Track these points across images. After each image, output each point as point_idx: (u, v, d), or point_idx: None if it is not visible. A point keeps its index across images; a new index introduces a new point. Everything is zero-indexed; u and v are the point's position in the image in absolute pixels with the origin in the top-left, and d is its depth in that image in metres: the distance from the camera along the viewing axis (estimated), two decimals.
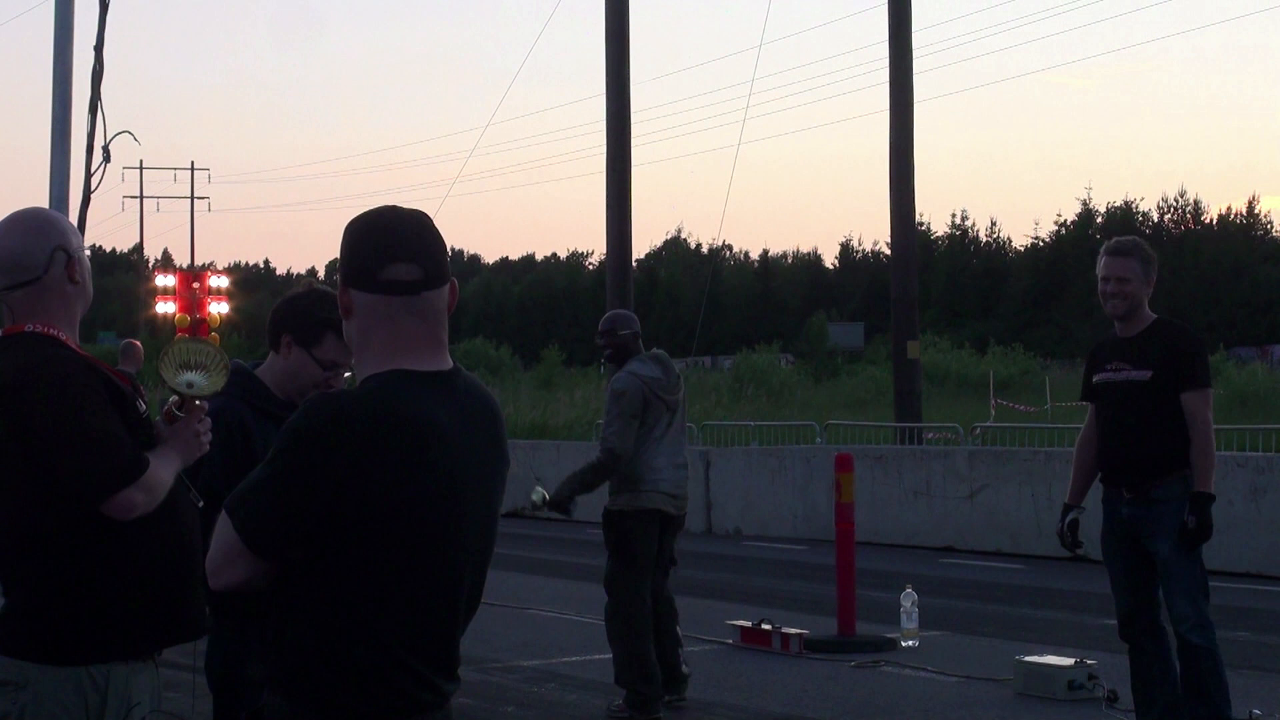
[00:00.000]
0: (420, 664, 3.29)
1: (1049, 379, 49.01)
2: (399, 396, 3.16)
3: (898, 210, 25.06)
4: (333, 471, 3.09)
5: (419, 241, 3.22)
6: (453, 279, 3.29)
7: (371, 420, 3.13)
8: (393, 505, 3.13)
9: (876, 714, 9.92)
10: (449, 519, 3.21)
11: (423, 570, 3.21)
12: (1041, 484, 18.29)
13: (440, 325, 3.24)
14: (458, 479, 3.21)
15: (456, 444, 3.20)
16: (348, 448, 3.10)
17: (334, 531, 3.13)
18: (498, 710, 10.17)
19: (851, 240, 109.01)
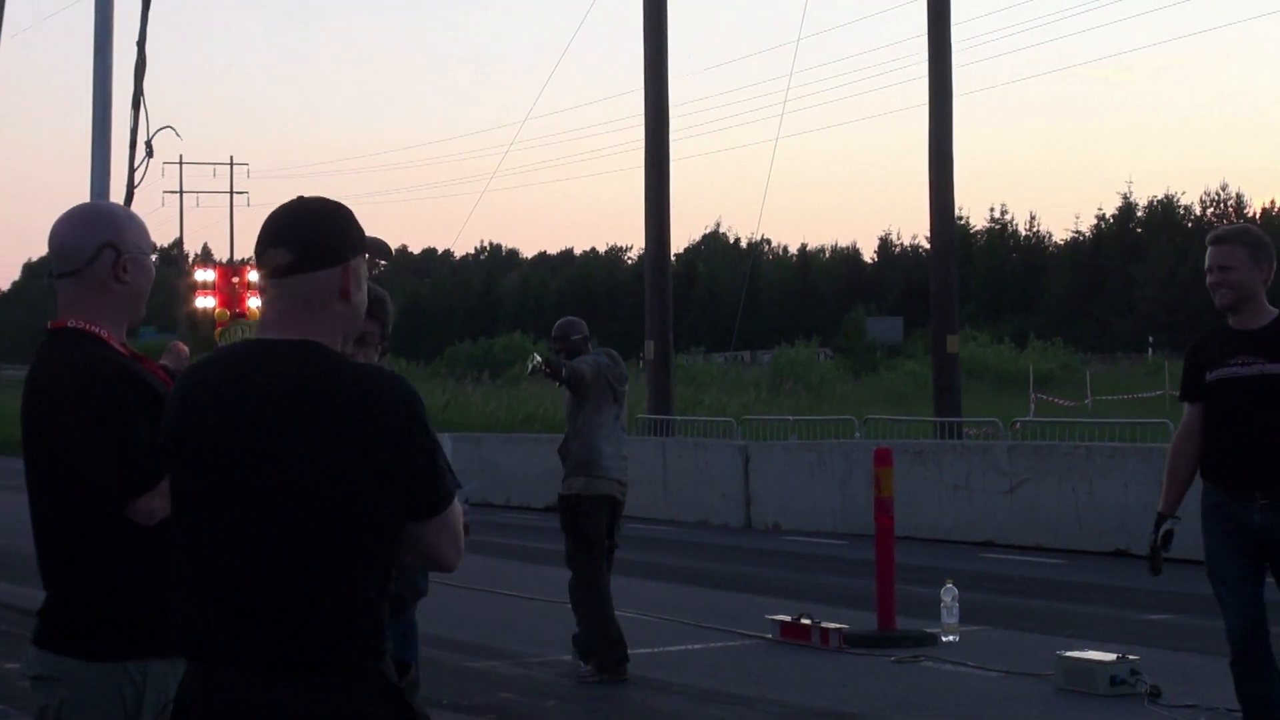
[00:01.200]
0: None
1: (1089, 374, 48.80)
2: (204, 361, 3.49)
3: (937, 204, 24.99)
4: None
5: (294, 228, 3.39)
6: (348, 264, 3.41)
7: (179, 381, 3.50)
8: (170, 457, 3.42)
9: (917, 709, 9.90)
10: (203, 476, 3.35)
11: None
12: (1082, 479, 18.21)
13: (307, 305, 3.38)
14: (216, 444, 3.33)
15: (221, 410, 3.33)
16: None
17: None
18: (539, 705, 10.17)
19: (890, 234, 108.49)
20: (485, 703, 10.15)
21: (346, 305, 3.41)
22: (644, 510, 23.34)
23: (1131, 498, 17.73)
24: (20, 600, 14.33)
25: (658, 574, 16.82)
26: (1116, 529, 17.85)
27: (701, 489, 22.89)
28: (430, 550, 3.40)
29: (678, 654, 11.82)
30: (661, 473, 23.50)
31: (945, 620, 11.84)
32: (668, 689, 10.50)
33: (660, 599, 14.62)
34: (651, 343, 26.72)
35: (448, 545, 3.40)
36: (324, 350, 3.34)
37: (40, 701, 4.06)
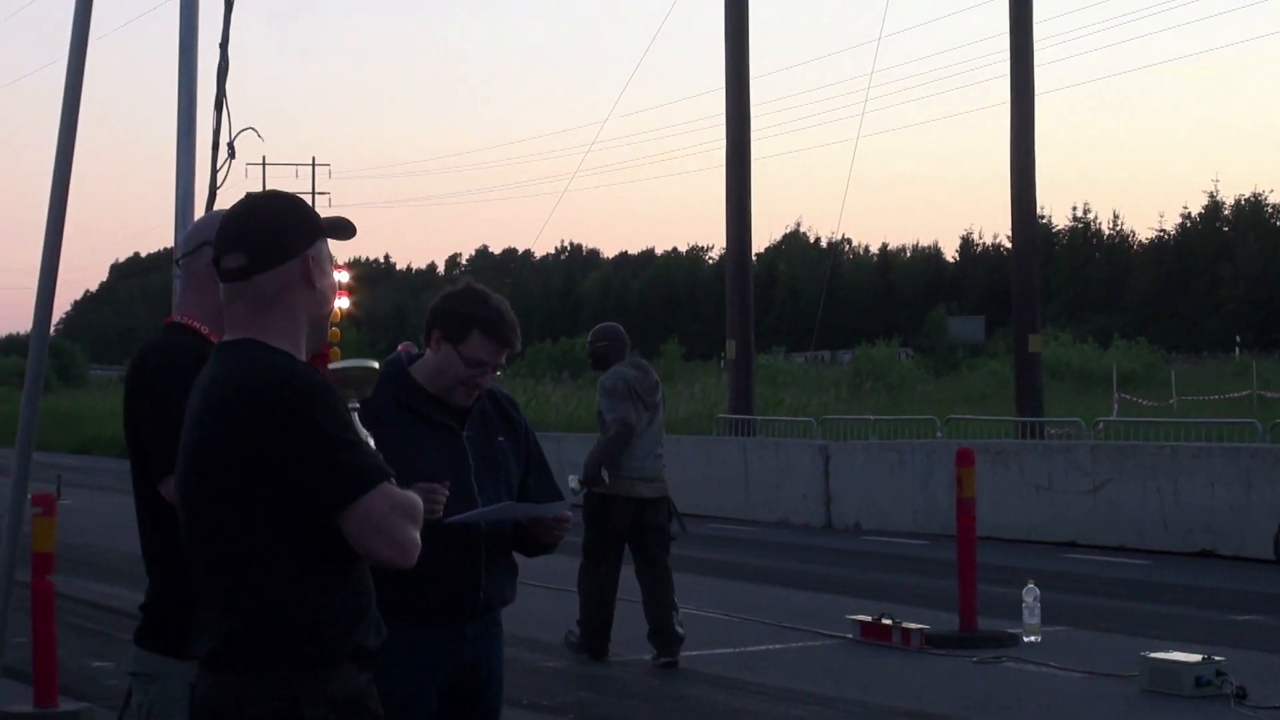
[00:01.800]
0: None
1: (1174, 373, 48.34)
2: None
3: (1018, 203, 24.85)
4: None
5: (245, 229, 3.46)
6: (305, 254, 3.44)
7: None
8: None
9: (999, 710, 9.85)
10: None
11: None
12: (1167, 479, 18.06)
13: (266, 303, 3.42)
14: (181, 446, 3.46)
15: (187, 414, 3.45)
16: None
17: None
18: (620, 704, 10.20)
19: (972, 233, 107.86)
20: (565, 702, 10.18)
21: (312, 292, 3.47)
22: (725, 510, 23.35)
23: (1217, 498, 17.57)
24: (111, 600, 14.51)
25: (739, 574, 16.82)
26: (1202, 529, 17.70)
27: (782, 489, 22.87)
28: (358, 547, 3.32)
29: (759, 654, 11.81)
30: (742, 473, 23.48)
31: (1027, 620, 11.77)
32: (748, 689, 10.50)
33: (741, 599, 14.61)
34: (733, 342, 26.70)
35: (370, 539, 3.30)
36: (252, 348, 3.39)
37: (138, 698, 4.18)
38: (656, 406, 11.65)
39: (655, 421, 11.62)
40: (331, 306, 3.54)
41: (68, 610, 12.73)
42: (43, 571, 9.56)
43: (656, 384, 11.74)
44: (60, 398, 61.18)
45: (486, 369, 4.84)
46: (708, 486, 23.91)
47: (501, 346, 4.87)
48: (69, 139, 6.46)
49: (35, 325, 6.77)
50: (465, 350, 4.83)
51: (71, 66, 6.45)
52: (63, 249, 6.61)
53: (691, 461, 24.50)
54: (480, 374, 4.84)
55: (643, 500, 11.42)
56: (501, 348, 4.88)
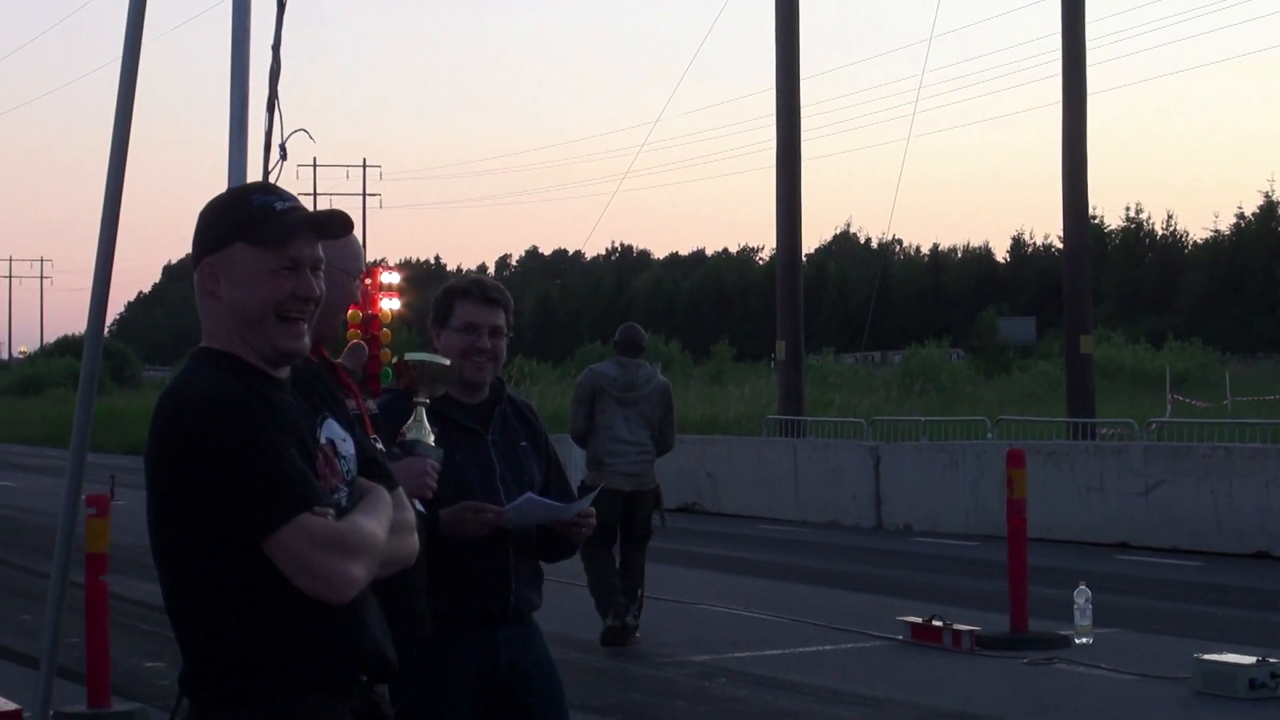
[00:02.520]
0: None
1: (1229, 374, 48.01)
2: None
3: (1070, 203, 24.73)
4: None
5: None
6: (205, 261, 3.24)
7: None
8: None
9: (1050, 712, 9.81)
10: None
11: None
12: (1221, 480, 17.94)
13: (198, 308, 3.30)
14: None
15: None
16: None
17: None
18: (668, 705, 10.19)
19: (1023, 234, 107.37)
20: (613, 703, 10.19)
21: (215, 303, 3.24)
22: (775, 511, 23.32)
23: (1273, 499, 17.45)
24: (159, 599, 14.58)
25: (789, 575, 16.80)
26: (1257, 531, 17.58)
27: (832, 490, 22.82)
28: (287, 576, 3.10)
29: (809, 655, 11.80)
30: (792, 474, 23.45)
31: (1079, 622, 11.72)
32: (799, 690, 10.49)
33: (791, 600, 14.59)
34: (783, 343, 26.67)
35: (292, 573, 3.08)
36: (194, 359, 3.26)
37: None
38: (635, 403, 12.06)
39: (631, 417, 12.05)
40: (255, 313, 3.21)
41: (121, 610, 12.82)
42: (96, 572, 9.62)
43: (635, 382, 12.12)
44: (114, 399, 61.59)
45: (480, 330, 4.90)
46: (758, 487, 23.90)
47: (485, 304, 4.93)
48: (122, 141, 6.49)
49: (89, 326, 6.81)
50: (455, 322, 4.91)
51: (125, 68, 6.49)
52: (116, 250, 6.65)
53: (742, 462, 24.50)
54: (476, 338, 4.89)
55: (625, 494, 11.95)
56: (486, 305, 4.94)
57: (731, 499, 24.40)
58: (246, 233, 3.18)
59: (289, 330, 3.21)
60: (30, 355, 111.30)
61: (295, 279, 3.21)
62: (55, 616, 6.88)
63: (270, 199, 3.23)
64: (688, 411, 37.00)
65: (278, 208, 3.20)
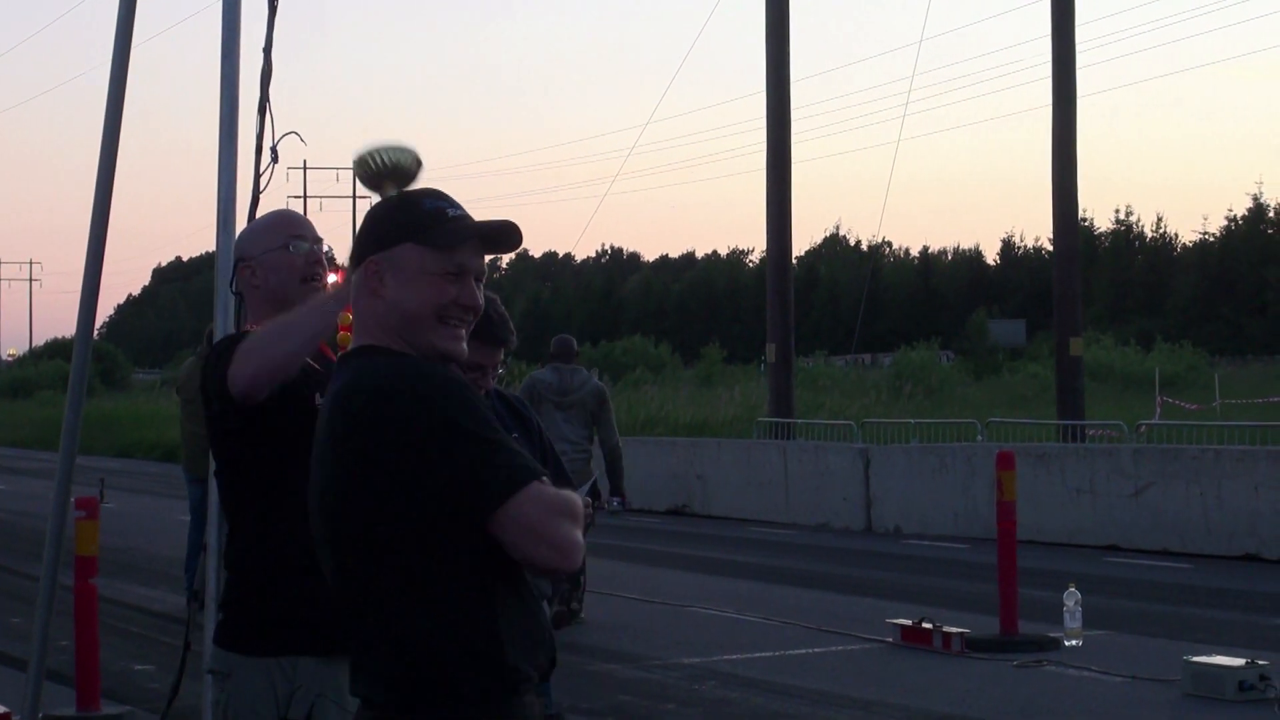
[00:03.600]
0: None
1: (1218, 376, 48.07)
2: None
3: (1060, 205, 24.77)
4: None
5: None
6: (370, 258, 3.22)
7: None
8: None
9: (1040, 714, 9.82)
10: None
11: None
12: (1210, 482, 17.96)
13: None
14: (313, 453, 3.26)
15: (319, 421, 3.25)
16: None
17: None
18: (658, 708, 10.19)
19: (1013, 236, 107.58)
20: (604, 705, 10.19)
21: (374, 302, 3.25)
22: (765, 513, 23.33)
23: (1262, 501, 17.47)
24: (153, 603, 14.59)
25: (779, 577, 16.81)
26: (1246, 533, 17.60)
27: (822, 492, 22.83)
28: (514, 554, 3.07)
29: (799, 657, 11.80)
30: (782, 476, 23.46)
31: (1068, 624, 11.73)
32: (788, 692, 10.49)
33: (781, 602, 14.60)
34: (773, 345, 26.67)
35: (525, 544, 3.05)
36: (356, 358, 3.24)
37: (214, 695, 4.29)
38: (570, 405, 13.03)
39: (570, 418, 13.00)
40: (421, 310, 3.17)
41: (110, 614, 12.79)
42: (85, 575, 9.61)
43: (569, 386, 13.11)
44: (103, 401, 61.51)
45: (485, 371, 4.84)
46: (748, 490, 23.90)
47: (494, 346, 4.88)
48: (112, 143, 6.49)
49: (79, 329, 6.81)
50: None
51: (115, 70, 6.49)
52: (106, 253, 6.64)
53: (732, 465, 24.50)
54: (479, 376, 4.84)
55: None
56: (494, 347, 4.89)
57: (721, 501, 24.40)
58: (418, 234, 3.17)
59: (449, 333, 3.20)
60: (19, 358, 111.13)
61: (460, 286, 3.19)
62: (44, 619, 6.87)
63: (442, 204, 3.22)
64: (678, 414, 37.00)
65: (450, 214, 3.20)
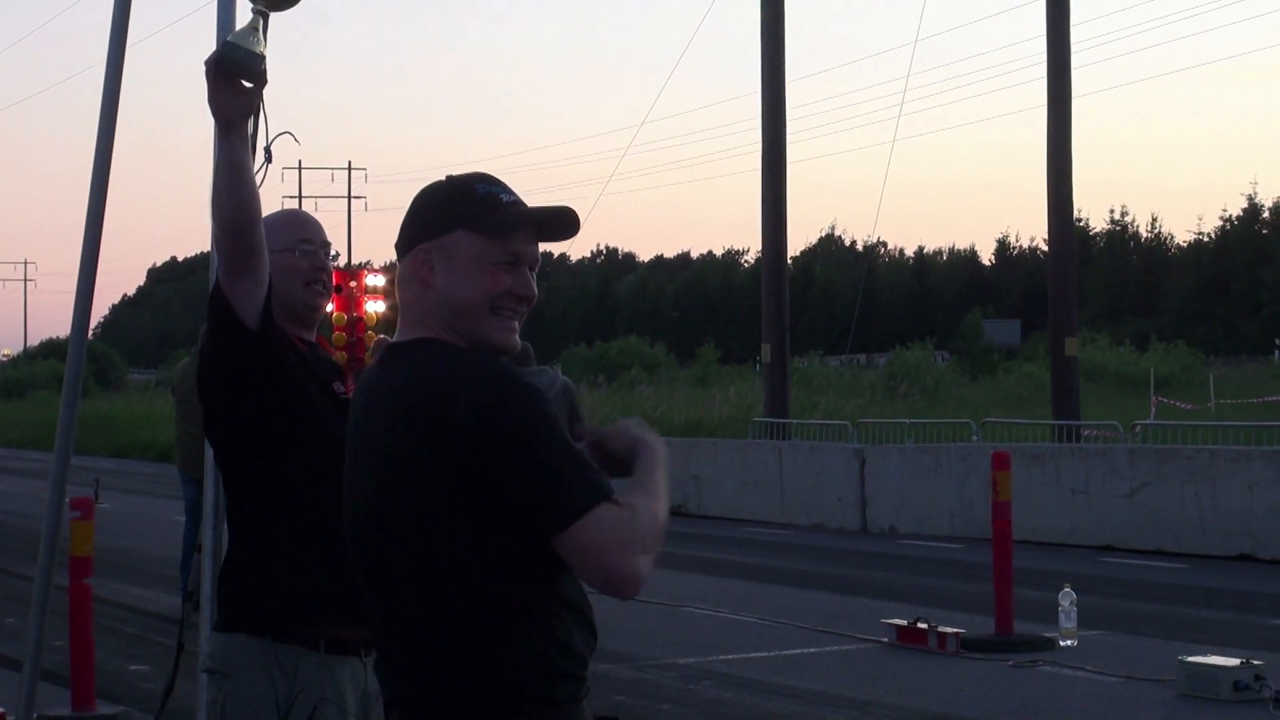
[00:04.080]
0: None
1: (1213, 376, 48.08)
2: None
3: (1055, 206, 24.76)
4: None
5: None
6: (420, 245, 3.06)
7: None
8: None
9: (1035, 714, 9.82)
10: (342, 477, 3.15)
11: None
12: (1205, 482, 17.97)
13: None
14: (349, 445, 3.12)
15: (356, 413, 3.10)
16: None
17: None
18: (654, 708, 10.19)
19: (1008, 236, 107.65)
20: (598, 705, 10.10)
21: (427, 293, 3.07)
22: (760, 513, 23.33)
23: (1257, 501, 17.48)
24: (147, 603, 14.58)
25: (774, 578, 16.81)
26: (1241, 533, 17.61)
27: (817, 492, 22.83)
28: (576, 575, 2.97)
29: (794, 658, 11.80)
30: (778, 476, 23.46)
31: (1063, 625, 11.74)
32: (784, 692, 10.50)
33: (776, 602, 14.60)
34: (768, 346, 26.67)
35: (588, 569, 2.90)
36: (413, 349, 3.07)
37: (211, 694, 4.21)
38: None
39: None
40: (474, 300, 3.02)
41: (105, 614, 12.79)
42: (80, 575, 9.60)
43: (543, 389, 14.03)
44: (98, 401, 61.44)
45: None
46: (743, 490, 23.91)
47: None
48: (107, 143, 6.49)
49: (74, 329, 6.80)
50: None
51: (109, 71, 6.48)
52: (100, 253, 6.63)
53: (727, 465, 24.50)
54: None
55: None
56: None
57: (717, 501, 24.40)
58: (470, 220, 3.00)
59: (502, 324, 3.03)
60: (14, 358, 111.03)
61: (514, 275, 3.03)
62: (39, 619, 6.86)
63: (495, 189, 3.05)
64: (673, 414, 36.95)
65: (503, 199, 3.03)
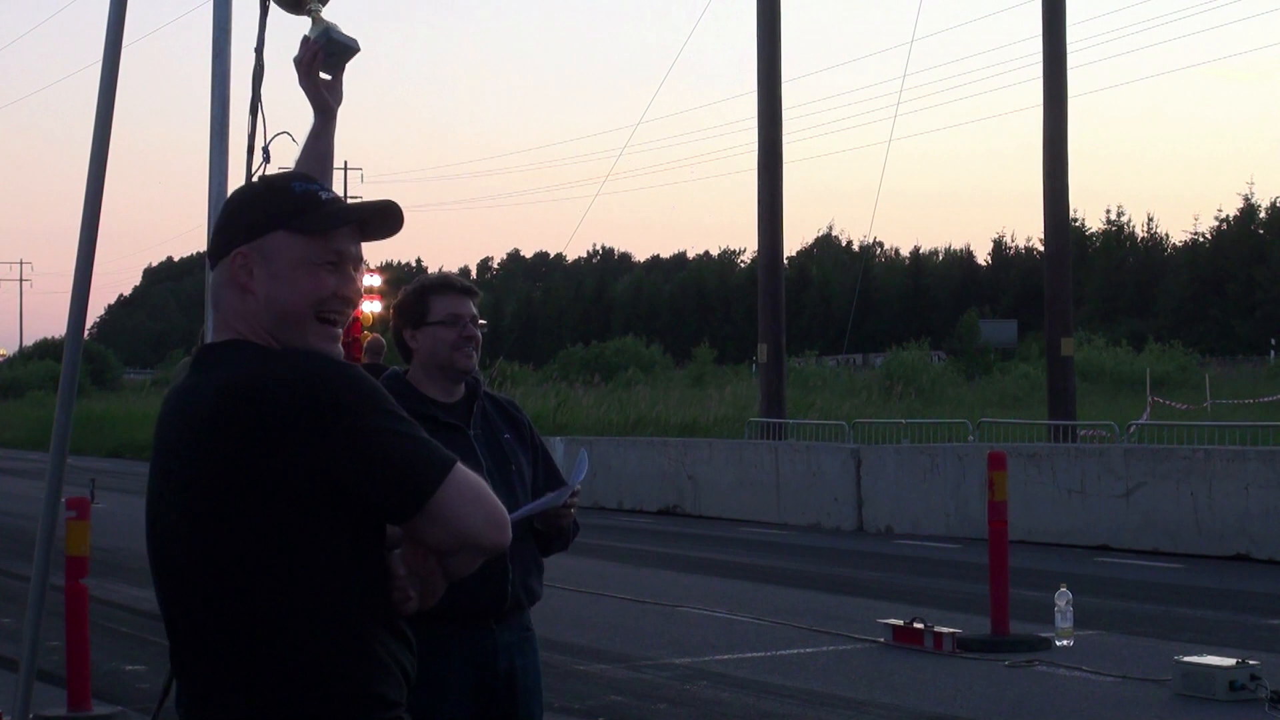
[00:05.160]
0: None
1: (1209, 376, 48.13)
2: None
3: (1051, 206, 24.79)
4: None
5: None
6: (237, 249, 2.88)
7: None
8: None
9: (1031, 714, 9.82)
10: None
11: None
12: (1201, 482, 17.98)
13: (215, 302, 2.93)
14: (155, 457, 2.91)
15: (164, 422, 2.89)
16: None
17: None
18: (650, 708, 10.19)
19: (1004, 237, 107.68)
20: (596, 705, 10.18)
21: (243, 298, 2.88)
22: (756, 514, 23.33)
23: (1252, 501, 17.49)
24: (144, 603, 14.56)
25: (770, 578, 16.80)
26: (1237, 533, 17.62)
27: (814, 492, 22.84)
28: (446, 540, 2.86)
29: (791, 658, 11.80)
30: (774, 476, 23.46)
31: (1060, 625, 11.75)
32: (780, 692, 10.49)
33: (773, 602, 14.60)
34: (764, 346, 26.69)
35: (465, 526, 2.83)
36: (234, 353, 2.86)
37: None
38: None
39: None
40: (298, 306, 2.88)
41: (101, 614, 12.78)
42: (76, 575, 9.60)
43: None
44: (94, 402, 61.47)
45: (463, 319, 4.92)
46: (739, 490, 23.91)
47: (462, 294, 4.97)
48: (103, 143, 6.48)
49: (69, 329, 6.79)
50: (434, 316, 4.93)
51: (106, 70, 6.48)
52: (96, 253, 6.63)
53: (723, 465, 24.50)
54: (463, 327, 4.92)
55: None
56: (463, 296, 4.97)
57: (713, 502, 24.40)
58: (289, 220, 2.86)
59: (326, 332, 2.90)
60: (9, 358, 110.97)
61: (339, 276, 2.89)
62: (35, 619, 6.86)
63: (313, 187, 2.92)
64: (669, 414, 36.99)
65: (322, 196, 2.91)
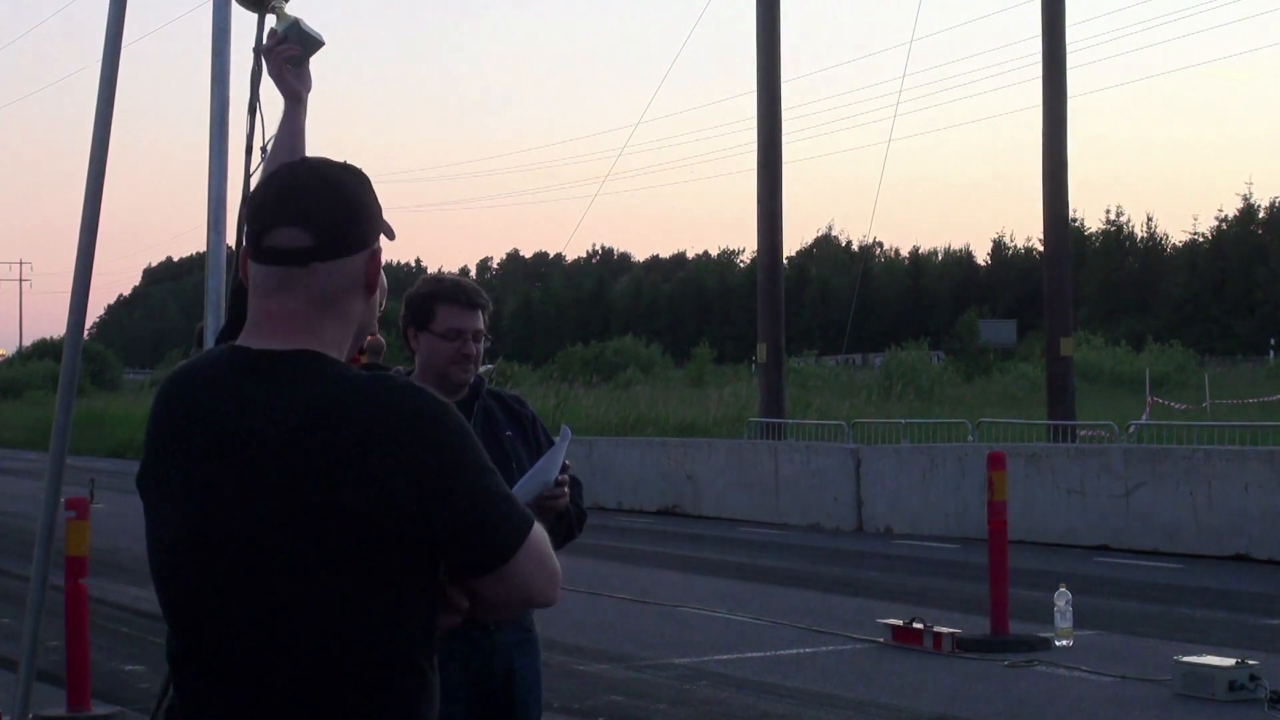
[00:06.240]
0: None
1: (1208, 376, 48.12)
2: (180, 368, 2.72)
3: (1051, 206, 24.79)
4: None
5: (313, 201, 2.63)
6: (373, 247, 2.67)
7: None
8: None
9: (1030, 714, 9.82)
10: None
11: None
12: (1200, 482, 17.98)
13: (319, 301, 2.63)
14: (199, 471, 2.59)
15: (217, 435, 2.57)
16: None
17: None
18: (650, 708, 10.19)
19: (1004, 236, 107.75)
20: (595, 705, 10.18)
21: (368, 303, 2.70)
22: (756, 514, 23.33)
23: (1252, 501, 17.49)
24: (143, 603, 14.56)
25: (769, 578, 16.80)
26: (1236, 533, 17.62)
27: (813, 492, 22.84)
28: (512, 600, 2.66)
29: (790, 658, 11.80)
30: (773, 476, 23.46)
31: (1059, 624, 11.75)
32: (779, 692, 10.50)
33: (772, 603, 14.60)
34: (764, 346, 26.69)
35: (533, 587, 2.63)
36: (329, 364, 2.61)
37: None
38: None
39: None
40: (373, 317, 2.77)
41: (100, 614, 12.78)
42: (76, 575, 9.60)
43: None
44: (93, 401, 61.44)
45: (465, 335, 4.89)
46: (739, 490, 23.91)
47: (469, 309, 4.93)
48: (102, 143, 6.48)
49: (69, 329, 6.79)
50: (437, 327, 4.91)
51: (105, 70, 6.48)
52: (96, 253, 6.63)
53: (723, 465, 24.50)
54: (462, 344, 4.90)
55: None
56: (469, 310, 4.94)
57: (712, 502, 24.40)
58: (383, 221, 2.73)
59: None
60: (9, 358, 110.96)
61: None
62: (34, 620, 6.85)
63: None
64: (668, 414, 36.97)
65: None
